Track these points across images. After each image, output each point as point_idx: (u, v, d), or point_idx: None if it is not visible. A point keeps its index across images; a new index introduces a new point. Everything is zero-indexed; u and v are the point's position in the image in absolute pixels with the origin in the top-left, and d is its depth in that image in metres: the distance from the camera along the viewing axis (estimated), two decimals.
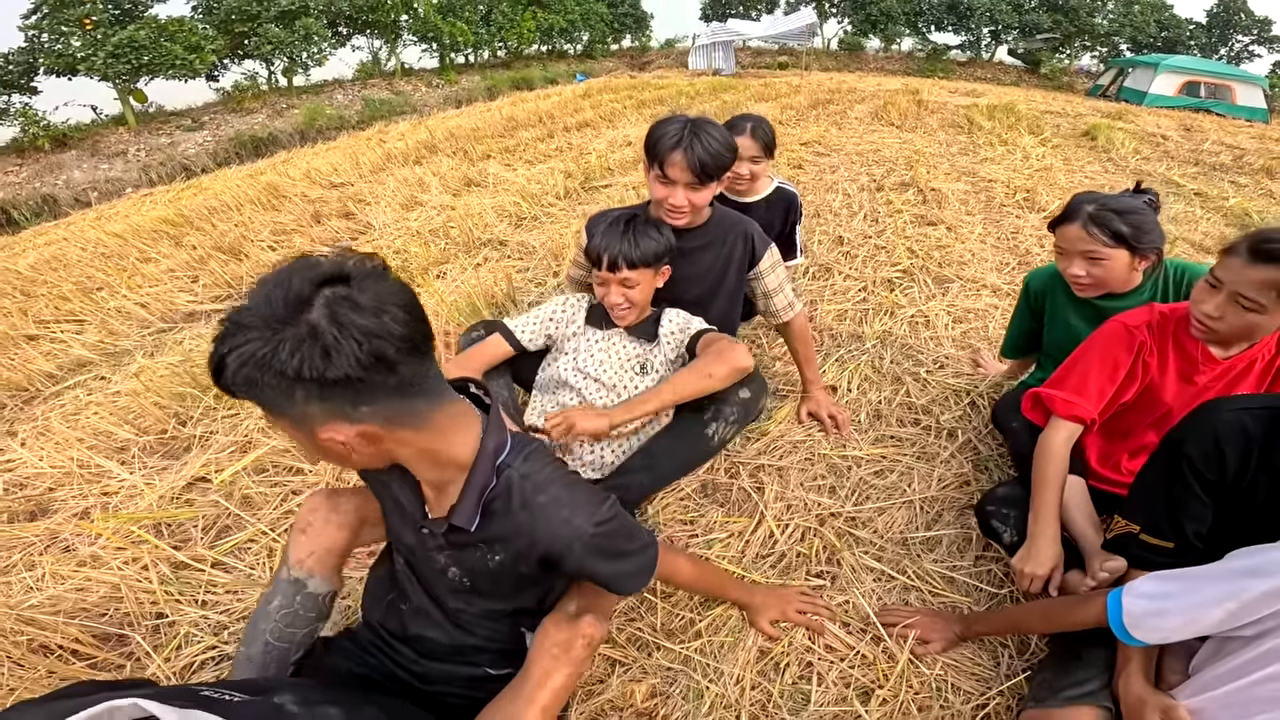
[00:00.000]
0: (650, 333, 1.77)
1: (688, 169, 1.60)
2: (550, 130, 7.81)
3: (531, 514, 1.00)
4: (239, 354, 0.76)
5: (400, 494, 1.08)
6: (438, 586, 1.14)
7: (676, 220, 1.74)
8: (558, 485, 1.03)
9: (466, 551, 1.06)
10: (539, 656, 1.06)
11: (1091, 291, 1.66)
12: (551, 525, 0.99)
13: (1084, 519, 1.43)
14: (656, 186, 1.70)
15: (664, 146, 1.61)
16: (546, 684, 1.02)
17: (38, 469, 2.21)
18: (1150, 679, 1.07)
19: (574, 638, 1.06)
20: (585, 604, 1.14)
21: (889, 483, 1.89)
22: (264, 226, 4.44)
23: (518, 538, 1.01)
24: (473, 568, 1.07)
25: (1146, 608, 1.02)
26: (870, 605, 1.51)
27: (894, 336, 2.65)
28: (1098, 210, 1.54)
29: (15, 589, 1.74)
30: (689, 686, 1.38)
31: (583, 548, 1.00)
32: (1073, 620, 1.17)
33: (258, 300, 0.77)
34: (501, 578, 1.07)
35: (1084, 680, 1.14)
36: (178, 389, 2.48)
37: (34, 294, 3.88)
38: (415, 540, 1.10)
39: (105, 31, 10.83)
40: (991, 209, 4.34)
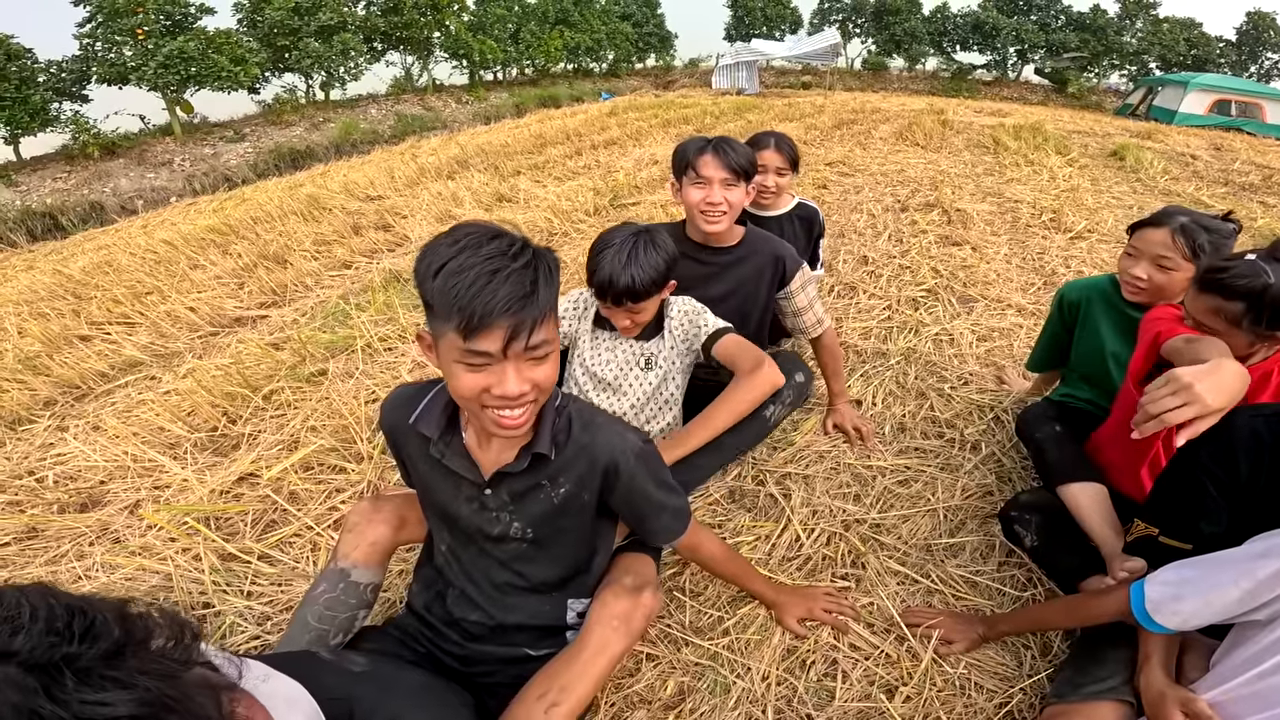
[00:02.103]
0: (654, 329, 1.77)
1: (721, 166, 1.73)
2: (578, 148, 7.98)
3: (592, 433, 1.15)
4: None
5: (454, 465, 1.15)
6: (486, 567, 1.22)
7: (716, 224, 1.80)
8: (607, 415, 1.21)
9: (529, 497, 1.15)
10: (597, 626, 1.13)
11: (1143, 297, 1.70)
12: (609, 438, 1.15)
13: (1105, 524, 1.47)
14: (691, 191, 1.79)
15: (692, 150, 1.75)
16: (604, 653, 1.10)
17: (90, 462, 2.33)
18: (1171, 674, 1.11)
19: (634, 609, 1.14)
20: (641, 579, 1.21)
21: (913, 492, 1.94)
22: (306, 237, 4.62)
23: (581, 459, 1.14)
24: (535, 515, 1.16)
25: (1166, 593, 1.07)
26: (894, 607, 1.56)
27: (918, 353, 2.70)
28: (1190, 222, 1.59)
29: (64, 577, 1.83)
30: (716, 681, 1.44)
31: (635, 458, 1.15)
32: (1095, 613, 1.22)
33: None
34: (563, 517, 1.17)
35: (1105, 677, 1.19)
36: (228, 388, 2.60)
37: (86, 297, 4.08)
38: (471, 511, 1.17)
39: (157, 42, 11.26)
40: (1017, 229, 4.37)
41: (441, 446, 1.14)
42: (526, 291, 0.91)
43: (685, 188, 1.82)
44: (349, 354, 2.85)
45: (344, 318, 3.23)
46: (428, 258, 0.92)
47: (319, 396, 2.53)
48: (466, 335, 0.90)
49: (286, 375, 2.66)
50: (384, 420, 1.24)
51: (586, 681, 1.10)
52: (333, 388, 2.57)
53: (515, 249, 0.93)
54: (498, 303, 0.88)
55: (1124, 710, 1.13)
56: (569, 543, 1.21)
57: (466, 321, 0.88)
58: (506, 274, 0.90)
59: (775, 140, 2.39)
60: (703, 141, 1.78)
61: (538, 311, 0.92)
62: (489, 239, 0.92)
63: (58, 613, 0.46)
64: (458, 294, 0.88)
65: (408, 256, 4.16)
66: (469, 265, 0.88)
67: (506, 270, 0.90)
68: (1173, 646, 1.14)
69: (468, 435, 1.16)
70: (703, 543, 1.38)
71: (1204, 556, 1.07)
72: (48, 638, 0.45)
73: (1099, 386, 1.88)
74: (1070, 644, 1.46)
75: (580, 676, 1.10)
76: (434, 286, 0.90)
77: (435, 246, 0.93)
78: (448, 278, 0.88)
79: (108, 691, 0.45)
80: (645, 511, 1.20)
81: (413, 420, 1.16)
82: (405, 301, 3.33)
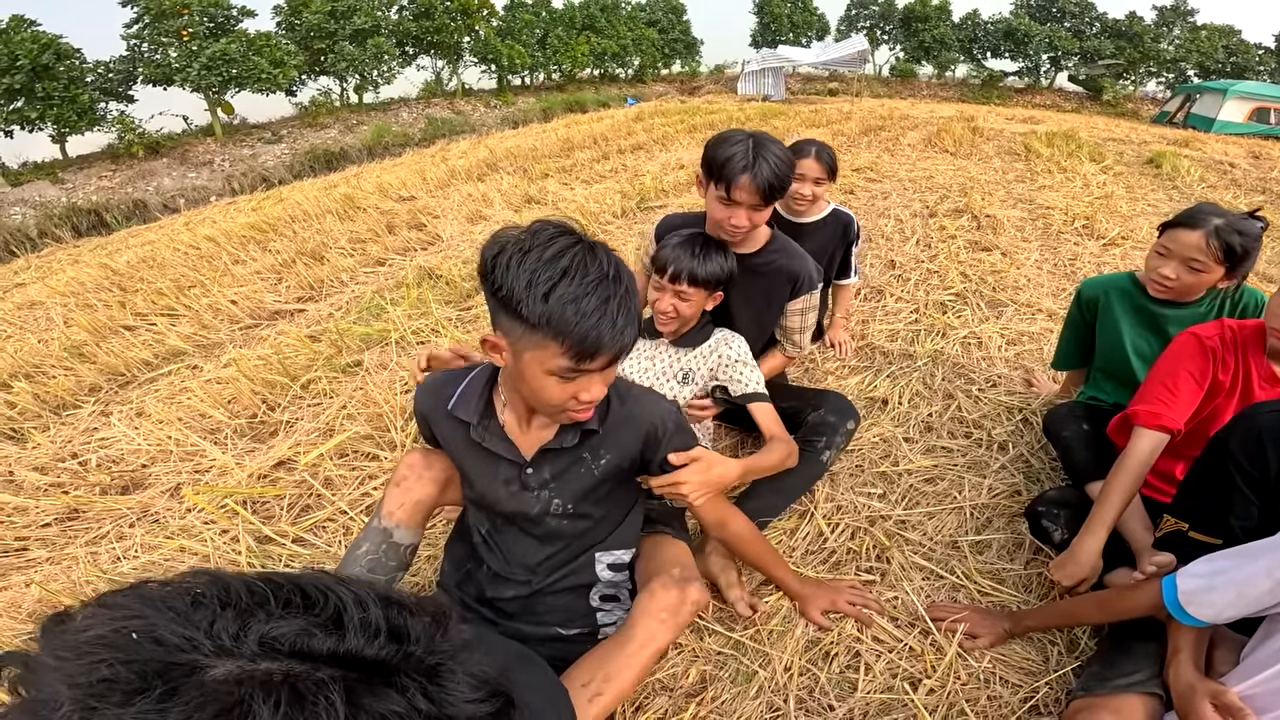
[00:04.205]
0: (695, 342, 1.77)
1: (755, 192, 1.60)
2: (605, 152, 8.06)
3: (631, 405, 1.22)
4: None
5: (495, 447, 1.20)
6: (525, 548, 1.26)
7: (732, 239, 1.74)
8: (640, 387, 1.28)
9: (569, 473, 1.20)
10: (644, 618, 1.16)
11: (1169, 295, 1.72)
12: (648, 407, 1.22)
13: (1135, 521, 1.47)
14: (717, 206, 1.67)
15: (733, 170, 1.58)
16: (650, 645, 1.14)
17: (133, 446, 2.41)
18: (1200, 667, 1.11)
19: (683, 602, 1.18)
20: (687, 571, 1.25)
21: (939, 490, 1.94)
22: (341, 235, 4.75)
23: (623, 430, 1.20)
24: (575, 489, 1.21)
25: (1199, 585, 1.07)
26: (919, 602, 1.57)
27: (945, 356, 2.70)
28: (1225, 225, 1.59)
29: (104, 557, 1.89)
30: (738, 670, 1.46)
31: (673, 423, 1.23)
32: (1127, 607, 1.23)
33: None
34: (602, 486, 1.23)
35: (1133, 671, 1.19)
36: (268, 377, 2.69)
37: (131, 289, 4.25)
38: (510, 493, 1.22)
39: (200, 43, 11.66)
40: (1049, 236, 4.32)
41: (481, 430, 1.19)
42: (631, 319, 0.99)
43: (710, 196, 1.70)
44: (383, 346, 2.93)
45: (378, 312, 3.32)
46: (525, 274, 0.93)
47: (355, 386, 2.60)
48: (578, 360, 0.97)
49: (324, 365, 2.75)
50: (418, 407, 1.29)
51: (630, 673, 1.13)
52: (368, 378, 2.65)
53: (613, 269, 0.98)
54: (613, 335, 0.96)
55: (1153, 704, 1.14)
56: (607, 509, 1.27)
57: (580, 349, 0.95)
58: (616, 302, 0.96)
59: (816, 150, 2.41)
60: (743, 157, 1.59)
61: (636, 333, 1.01)
62: (589, 256, 0.96)
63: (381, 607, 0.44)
64: (575, 325, 0.94)
65: (440, 254, 4.26)
66: (582, 294, 0.94)
67: (615, 297, 0.96)
68: (1202, 640, 1.14)
69: (505, 418, 1.20)
70: (730, 518, 1.40)
71: (1236, 548, 1.07)
72: (432, 633, 0.44)
73: (1123, 383, 1.89)
74: (1097, 639, 1.46)
75: (625, 668, 1.13)
76: (541, 309, 0.93)
77: (529, 260, 0.94)
78: (563, 306, 0.93)
79: (466, 684, 0.44)
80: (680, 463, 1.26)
81: (451, 406, 1.21)
82: (438, 297, 3.41)
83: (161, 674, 0.37)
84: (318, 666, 0.39)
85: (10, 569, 1.91)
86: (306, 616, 0.41)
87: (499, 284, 0.96)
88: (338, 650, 0.40)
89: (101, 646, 0.38)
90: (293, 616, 0.41)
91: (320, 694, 0.37)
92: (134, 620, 0.39)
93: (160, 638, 0.38)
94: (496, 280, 0.96)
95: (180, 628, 0.39)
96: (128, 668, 0.37)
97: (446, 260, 4.02)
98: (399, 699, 0.40)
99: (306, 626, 0.40)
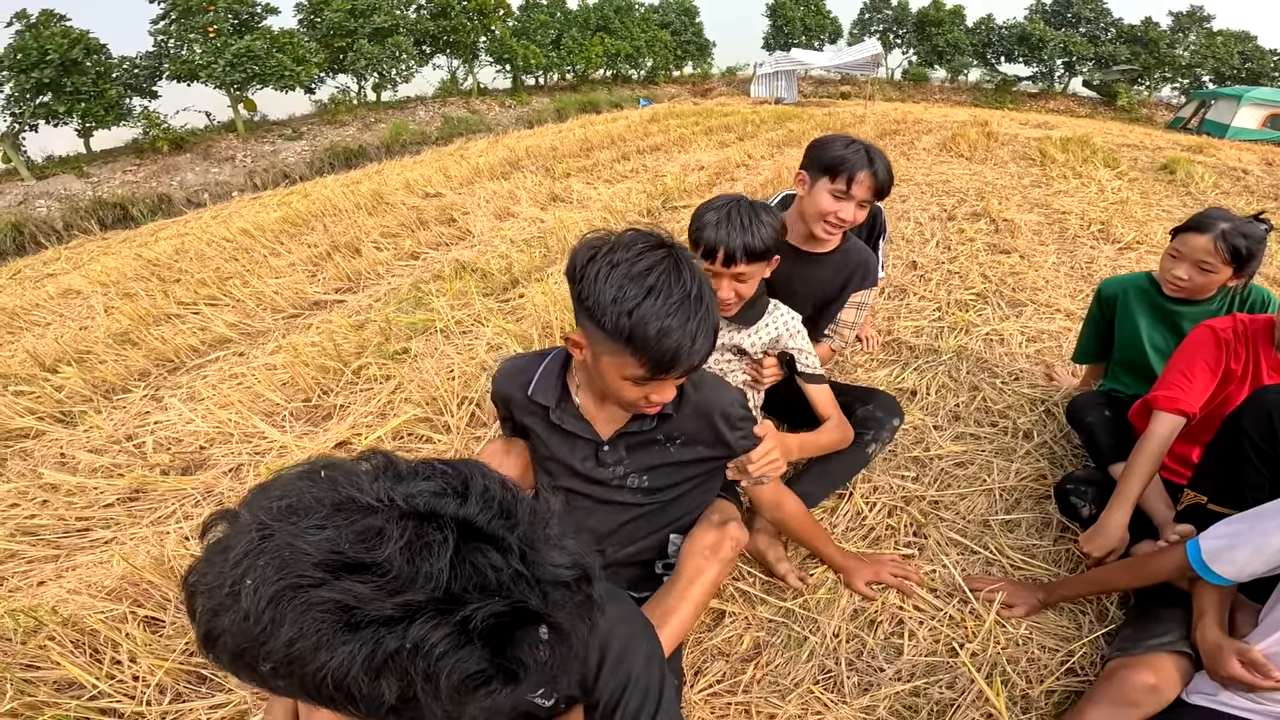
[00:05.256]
0: (751, 318, 1.74)
1: (871, 188, 1.74)
2: (624, 152, 8.18)
3: (702, 391, 1.30)
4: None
5: (573, 428, 1.30)
6: (603, 514, 1.36)
7: (832, 235, 1.84)
8: (711, 375, 1.38)
9: (645, 450, 1.30)
10: (690, 557, 1.29)
11: (1182, 294, 1.86)
12: (717, 394, 1.31)
13: (1157, 498, 1.60)
14: (826, 198, 1.77)
15: (854, 165, 1.72)
16: (699, 579, 1.25)
17: (191, 428, 2.50)
18: (1225, 628, 1.22)
19: (722, 539, 1.30)
20: (725, 514, 1.36)
21: (969, 473, 2.06)
22: (373, 229, 4.88)
23: (696, 414, 1.29)
24: (651, 465, 1.31)
25: (1220, 545, 1.19)
26: (956, 573, 1.68)
27: (969, 351, 2.81)
28: (1232, 229, 1.72)
29: (171, 539, 1.93)
30: (789, 636, 1.56)
31: (738, 410, 1.32)
32: (1155, 570, 1.34)
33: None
34: (679, 469, 1.33)
35: (1163, 633, 1.30)
36: (321, 362, 2.81)
37: (170, 279, 4.38)
38: (589, 467, 1.32)
39: (225, 40, 11.84)
40: (1065, 240, 4.42)
41: (560, 413, 1.29)
42: (709, 337, 1.05)
43: (819, 190, 1.78)
44: (428, 335, 3.06)
45: (419, 302, 3.44)
46: (612, 287, 0.99)
47: (406, 372, 2.72)
48: (653, 372, 1.03)
49: (374, 352, 2.87)
50: (498, 390, 1.39)
51: (687, 605, 1.25)
52: (418, 365, 2.77)
53: (696, 288, 1.03)
54: (689, 353, 1.02)
55: (1183, 661, 1.25)
56: (681, 490, 1.37)
57: (657, 364, 1.02)
58: (696, 321, 1.01)
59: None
60: (863, 154, 1.74)
61: (712, 348, 1.07)
62: (674, 274, 1.01)
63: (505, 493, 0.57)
64: (655, 344, 0.99)
65: (474, 249, 4.38)
66: (665, 313, 0.99)
67: (695, 317, 1.01)
68: (1225, 603, 1.25)
69: (581, 399, 1.30)
70: (785, 500, 1.52)
71: (1252, 510, 1.19)
72: (535, 516, 0.57)
73: (1140, 375, 2.02)
74: (1124, 609, 1.57)
75: (680, 600, 1.25)
76: (624, 324, 0.99)
77: (617, 274, 1.00)
78: (645, 324, 0.98)
79: (556, 554, 0.56)
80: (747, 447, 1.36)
81: (530, 392, 1.31)
82: (478, 289, 3.53)
83: (329, 503, 0.52)
84: (444, 523, 0.52)
85: (75, 549, 1.96)
86: (443, 484, 0.55)
87: (586, 293, 1.02)
88: (458, 514, 0.53)
89: (288, 486, 0.54)
90: (434, 484, 0.55)
91: (436, 537, 0.50)
92: (321, 470, 0.55)
93: (335, 479, 0.54)
94: (584, 289, 1.03)
95: (349, 479, 0.54)
96: (304, 497, 0.52)
97: (482, 255, 4.15)
98: (498, 557, 0.52)
99: (441, 490, 0.54)
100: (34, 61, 10.33)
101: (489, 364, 2.70)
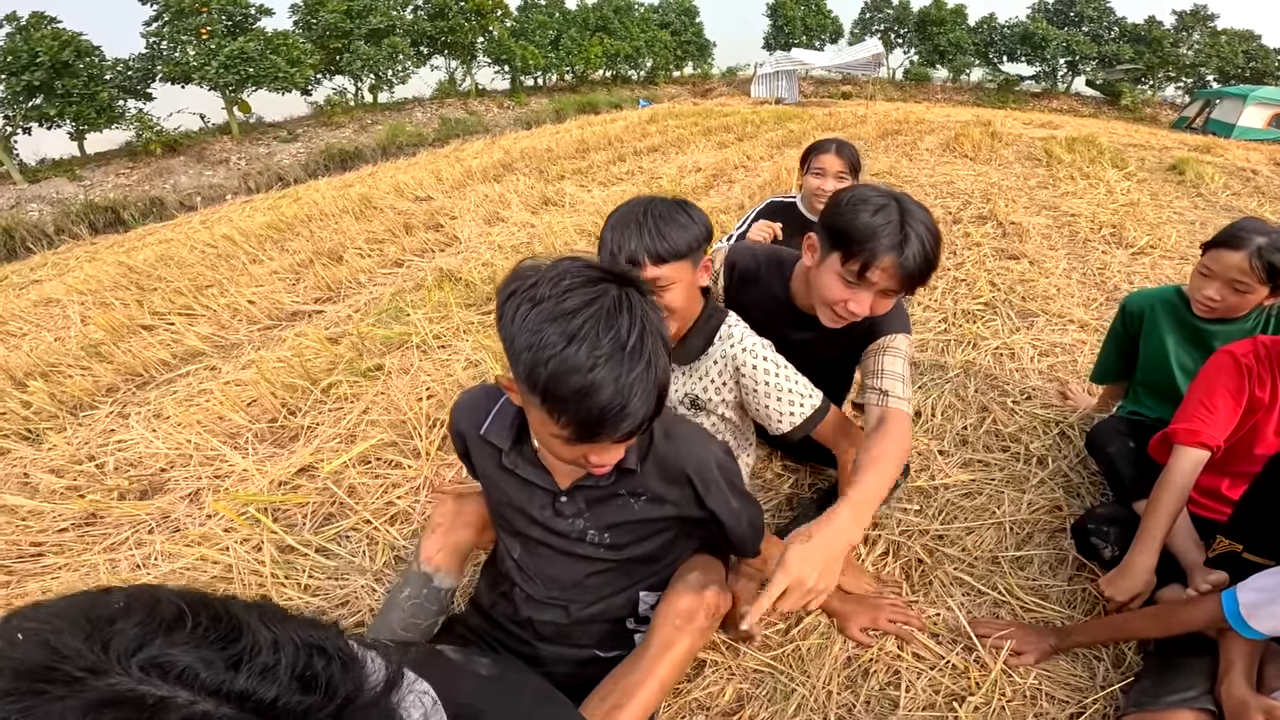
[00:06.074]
0: (698, 348, 1.40)
1: (897, 277, 1.24)
2: (620, 154, 8.03)
3: (675, 443, 1.12)
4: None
5: (528, 474, 1.15)
6: (561, 568, 1.21)
7: (838, 325, 1.37)
8: (689, 423, 1.19)
9: (606, 504, 1.14)
10: (661, 624, 1.13)
11: (1213, 315, 1.69)
12: (694, 447, 1.12)
13: (1186, 538, 1.44)
14: (836, 284, 1.28)
15: (876, 246, 1.21)
16: (666, 655, 1.09)
17: (152, 449, 2.37)
18: (1253, 683, 1.12)
19: (697, 608, 1.13)
20: (706, 576, 1.20)
21: (977, 504, 1.90)
22: (359, 235, 4.74)
23: (664, 469, 1.11)
24: (613, 521, 1.15)
25: (1261, 598, 1.08)
26: (962, 617, 1.52)
27: (977, 367, 2.64)
28: (1269, 245, 1.55)
29: (123, 566, 1.84)
30: (776, 688, 1.42)
31: (718, 468, 1.13)
32: (1184, 620, 1.22)
33: None
34: (642, 525, 1.16)
35: (1185, 688, 1.18)
36: (288, 380, 2.66)
37: (149, 288, 4.24)
38: (547, 516, 1.17)
39: (219, 42, 11.74)
40: (1076, 244, 4.25)
41: (514, 457, 1.14)
42: (648, 398, 0.83)
43: (830, 270, 1.29)
44: (404, 350, 2.90)
45: (398, 314, 3.29)
46: (527, 332, 0.80)
47: (376, 391, 2.57)
48: (578, 439, 0.83)
49: (345, 369, 2.72)
50: (454, 425, 1.25)
51: (652, 681, 1.09)
52: (390, 382, 2.62)
53: (635, 338, 0.81)
54: (617, 418, 0.81)
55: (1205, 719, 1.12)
56: (649, 547, 1.20)
57: (584, 428, 0.81)
58: (634, 378, 0.80)
59: (837, 146, 2.39)
60: (894, 229, 1.21)
61: (654, 410, 0.85)
62: (607, 319, 0.80)
63: (301, 655, 0.43)
64: (573, 405, 0.79)
65: (459, 256, 4.24)
66: (588, 367, 0.78)
67: (634, 372, 0.80)
68: (1255, 656, 1.14)
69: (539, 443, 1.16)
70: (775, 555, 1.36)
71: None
72: (294, 683, 0.42)
73: (1166, 398, 1.85)
74: (1143, 655, 1.42)
75: (646, 676, 1.10)
76: (540, 376, 0.79)
77: (537, 315, 0.81)
78: (562, 379, 0.78)
79: None
80: (730, 517, 1.18)
81: (482, 431, 1.16)
82: (458, 299, 3.38)
83: (32, 676, 0.37)
84: (197, 698, 0.38)
85: (27, 575, 1.86)
86: (212, 648, 0.40)
87: (504, 334, 0.84)
88: (223, 687, 0.39)
89: None
90: (196, 646, 0.40)
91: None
92: (37, 624, 0.40)
93: (51, 643, 0.38)
94: (502, 329, 0.85)
95: (73, 638, 0.38)
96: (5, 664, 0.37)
97: (466, 263, 4.00)
98: None
99: (203, 657, 0.40)
100: (24, 64, 10.23)
101: (465, 382, 2.55)
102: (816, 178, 2.38)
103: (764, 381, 1.37)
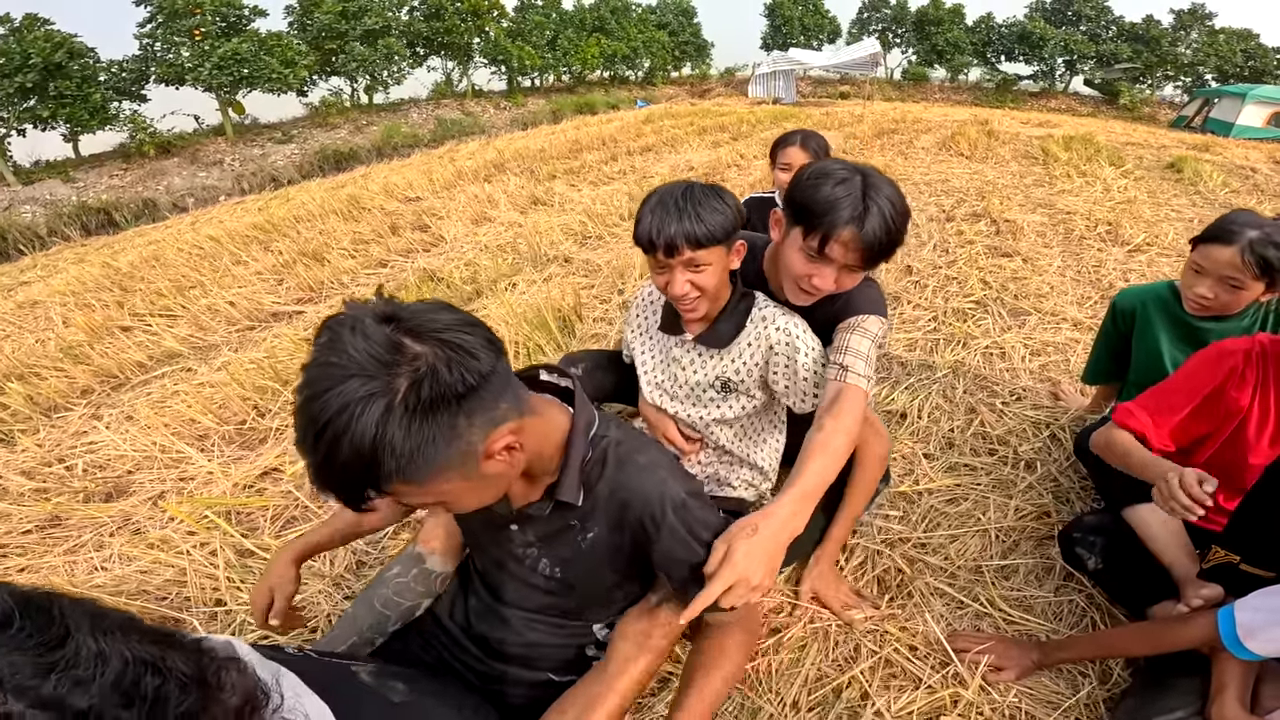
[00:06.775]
0: (730, 332, 1.38)
1: (858, 251, 1.20)
2: (614, 153, 7.97)
3: (627, 473, 1.01)
4: (374, 426, 0.65)
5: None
6: (519, 591, 1.15)
7: (806, 301, 1.35)
8: (656, 451, 1.06)
9: (558, 539, 1.07)
10: (620, 640, 1.08)
11: (1206, 313, 1.61)
12: (645, 484, 1.00)
13: (1178, 548, 1.36)
14: (798, 258, 1.26)
15: (835, 219, 1.17)
16: (627, 670, 1.04)
17: (119, 452, 2.34)
18: (1246, 704, 1.06)
19: (652, 627, 1.08)
20: (665, 595, 1.14)
21: (961, 510, 1.82)
22: (345, 235, 4.68)
23: (612, 502, 1.01)
24: (563, 557, 1.08)
25: (1259, 619, 1.01)
26: (940, 630, 1.46)
27: (967, 366, 2.57)
28: (1261, 238, 1.45)
29: (80, 569, 1.82)
30: (743, 705, 1.35)
31: (674, 511, 0.99)
32: (1176, 639, 1.15)
33: (335, 374, 0.65)
34: (592, 559, 1.07)
35: (1174, 708, 1.12)
36: (260, 382, 2.61)
37: (131, 289, 4.18)
38: (501, 544, 1.11)
39: (213, 43, 11.71)
40: (1070, 241, 4.18)
41: None
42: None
43: (793, 245, 1.27)
44: None
45: None
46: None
47: None
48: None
49: None
50: None
51: (613, 698, 1.03)
52: None
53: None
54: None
55: None
56: (599, 582, 1.12)
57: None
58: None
59: (802, 138, 2.34)
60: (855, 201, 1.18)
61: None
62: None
63: (129, 670, 0.43)
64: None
65: (442, 256, 4.18)
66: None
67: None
68: (1250, 676, 1.09)
69: None
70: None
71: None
72: (114, 696, 0.42)
73: None
74: (1131, 670, 1.35)
75: (606, 691, 1.03)
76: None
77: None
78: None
79: None
80: (678, 574, 1.04)
81: None
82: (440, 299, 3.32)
83: None
84: (5, 698, 0.39)
85: None
86: (28, 653, 0.41)
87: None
88: (29, 691, 0.39)
89: None
90: (11, 649, 0.40)
91: None
92: None
93: None
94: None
95: None
96: None
97: (449, 263, 3.94)
98: None
99: (13, 661, 0.40)
100: (18, 66, 10.19)
101: None
102: (784, 172, 2.33)
103: (792, 359, 1.36)
